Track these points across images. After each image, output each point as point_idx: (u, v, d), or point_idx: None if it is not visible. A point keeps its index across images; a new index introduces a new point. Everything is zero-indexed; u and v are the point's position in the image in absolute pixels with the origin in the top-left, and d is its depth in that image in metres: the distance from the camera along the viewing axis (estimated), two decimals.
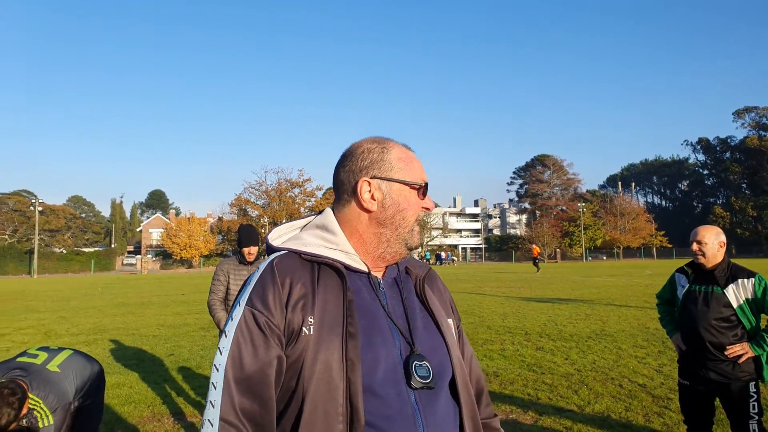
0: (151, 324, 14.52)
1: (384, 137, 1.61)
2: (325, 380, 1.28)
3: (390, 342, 1.37)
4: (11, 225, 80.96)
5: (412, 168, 1.54)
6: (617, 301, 17.71)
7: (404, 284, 1.54)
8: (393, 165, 1.52)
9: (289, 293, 1.36)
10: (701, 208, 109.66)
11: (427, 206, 1.54)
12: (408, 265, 1.59)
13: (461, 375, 1.46)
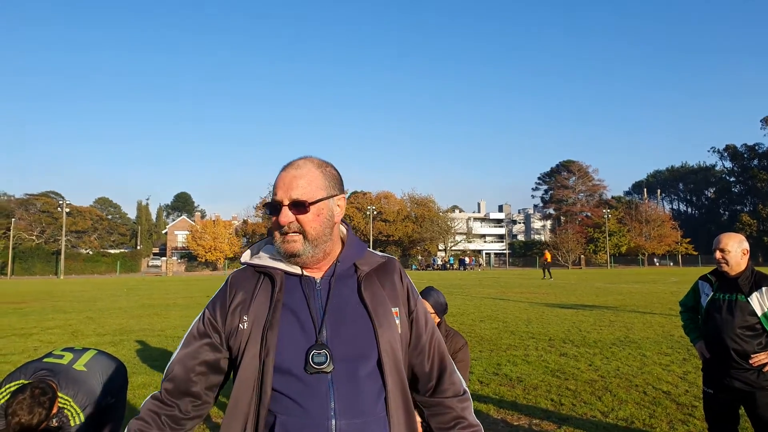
0: (176, 325, 14.67)
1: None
2: (250, 362, 1.66)
3: (303, 332, 1.67)
4: (39, 226, 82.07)
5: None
6: (642, 308, 17.56)
7: (340, 281, 1.77)
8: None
9: (232, 300, 1.77)
10: (728, 215, 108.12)
11: (276, 220, 1.75)
12: (357, 262, 1.81)
13: (389, 357, 1.69)
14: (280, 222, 1.72)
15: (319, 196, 1.74)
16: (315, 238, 1.73)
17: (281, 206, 1.72)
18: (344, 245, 1.86)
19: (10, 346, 11.69)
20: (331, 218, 1.78)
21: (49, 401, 3.32)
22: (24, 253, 74.44)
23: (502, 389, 7.47)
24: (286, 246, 1.72)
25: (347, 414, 1.59)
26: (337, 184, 1.83)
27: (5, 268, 69.14)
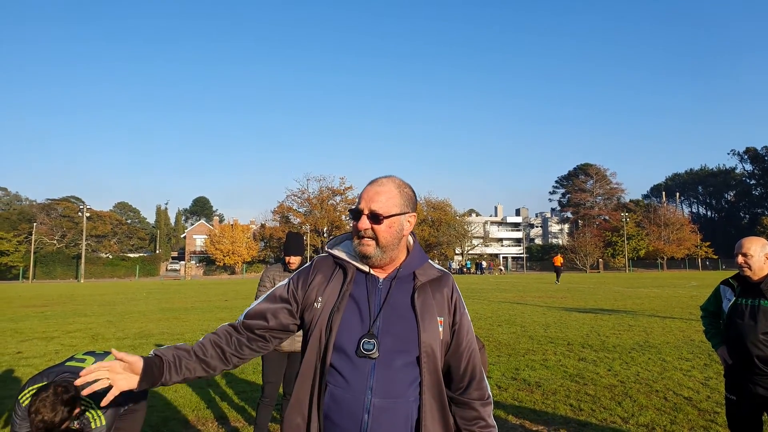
0: (194, 329, 14.75)
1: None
2: (317, 336, 2.05)
3: (361, 321, 2.03)
4: (60, 230, 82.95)
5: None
6: (661, 313, 17.42)
7: (398, 285, 2.11)
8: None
9: (312, 279, 2.17)
10: (748, 219, 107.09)
11: (356, 225, 2.12)
12: (417, 270, 2.15)
13: (427, 354, 2.02)
14: (359, 227, 2.09)
15: (394, 212, 2.09)
16: (385, 246, 2.08)
17: (362, 214, 2.09)
18: (408, 254, 2.21)
19: (32, 349, 11.81)
20: (401, 231, 2.12)
21: (72, 400, 3.35)
22: (45, 257, 75.30)
23: (521, 394, 7.45)
24: (361, 248, 2.09)
25: (381, 393, 1.95)
26: (410, 204, 2.17)
27: (27, 271, 69.92)
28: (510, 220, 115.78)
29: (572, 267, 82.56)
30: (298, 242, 5.69)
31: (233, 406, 7.15)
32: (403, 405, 1.98)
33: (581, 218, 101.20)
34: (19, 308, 23.18)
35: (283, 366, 5.59)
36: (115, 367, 1.96)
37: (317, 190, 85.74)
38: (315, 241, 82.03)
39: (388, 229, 2.08)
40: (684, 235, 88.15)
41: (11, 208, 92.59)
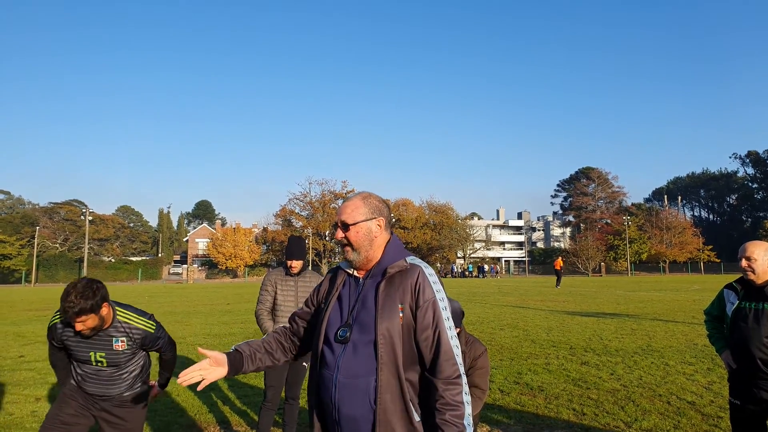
0: (197, 333, 14.75)
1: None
2: (317, 330, 2.53)
3: (341, 314, 2.46)
4: (62, 234, 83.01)
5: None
6: (664, 317, 17.40)
7: (372, 281, 2.46)
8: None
9: (320, 286, 2.72)
10: (750, 222, 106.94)
11: (335, 237, 2.58)
12: (389, 266, 2.45)
13: (384, 337, 2.30)
14: (336, 237, 2.54)
15: (359, 219, 2.50)
16: (358, 248, 2.49)
17: (337, 226, 2.54)
18: (383, 254, 2.52)
19: (35, 352, 11.83)
20: (369, 233, 2.51)
21: (100, 290, 3.59)
22: (48, 261, 75.38)
23: (523, 398, 7.44)
24: (345, 255, 2.55)
25: (344, 372, 2.32)
26: (375, 210, 2.55)
27: (29, 275, 69.98)
28: (512, 224, 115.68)
29: (574, 270, 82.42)
30: (300, 246, 5.69)
31: (235, 410, 7.15)
32: (362, 382, 2.29)
33: (583, 222, 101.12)
34: (22, 312, 23.21)
35: (285, 370, 5.59)
36: (204, 365, 2.42)
37: (319, 194, 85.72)
38: (317, 245, 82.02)
39: (356, 234, 2.49)
40: (686, 239, 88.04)
41: (14, 212, 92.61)
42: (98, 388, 3.83)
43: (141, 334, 3.85)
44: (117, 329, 3.76)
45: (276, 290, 5.64)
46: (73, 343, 3.74)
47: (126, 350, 3.80)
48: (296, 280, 5.68)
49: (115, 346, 3.75)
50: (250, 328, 15.46)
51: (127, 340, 3.78)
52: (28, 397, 7.97)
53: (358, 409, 2.29)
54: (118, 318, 3.78)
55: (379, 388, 2.27)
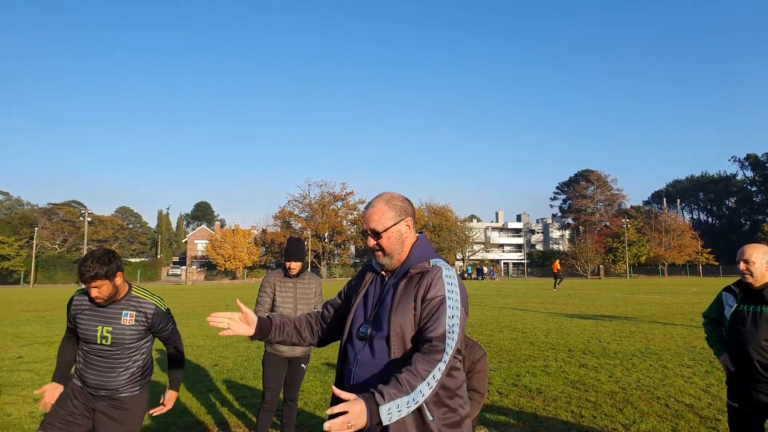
0: (195, 334, 14.75)
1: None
2: (344, 324, 2.64)
3: (365, 311, 2.56)
4: (61, 235, 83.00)
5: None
6: (662, 319, 17.41)
7: (395, 280, 2.53)
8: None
9: (353, 282, 2.79)
10: (749, 225, 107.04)
11: (367, 244, 2.61)
12: (411, 269, 2.50)
13: (396, 334, 2.37)
14: (369, 245, 2.59)
15: (389, 225, 2.54)
16: (390, 253, 2.55)
17: (367, 235, 2.58)
18: (409, 255, 2.58)
19: (33, 353, 11.82)
20: (400, 237, 2.57)
21: (117, 260, 3.79)
22: (46, 262, 75.28)
23: (522, 400, 7.44)
24: (376, 259, 2.60)
25: (360, 365, 2.42)
26: (402, 212, 2.59)
27: (28, 276, 69.93)
28: (511, 226, 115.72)
29: (573, 273, 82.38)
30: (299, 248, 5.69)
31: (234, 411, 7.15)
32: (379, 375, 2.34)
33: (582, 224, 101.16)
34: (20, 313, 23.19)
35: (284, 372, 5.59)
36: (235, 317, 2.60)
37: (318, 196, 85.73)
38: (316, 247, 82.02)
39: (388, 240, 2.54)
40: (685, 242, 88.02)
41: (13, 213, 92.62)
42: (97, 376, 3.84)
43: (152, 310, 3.95)
44: (129, 303, 3.89)
45: (275, 292, 5.64)
46: (84, 317, 3.84)
47: (134, 326, 3.87)
48: (295, 281, 5.68)
49: (123, 320, 3.84)
50: None
51: (136, 315, 3.88)
52: (26, 398, 7.97)
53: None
54: (133, 292, 3.95)
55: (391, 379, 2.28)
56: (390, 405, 2.07)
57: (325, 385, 8.41)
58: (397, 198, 2.63)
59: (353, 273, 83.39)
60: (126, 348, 3.89)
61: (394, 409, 2.08)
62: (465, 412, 2.46)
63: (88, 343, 3.84)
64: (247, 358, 10.96)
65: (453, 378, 2.43)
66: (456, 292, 2.44)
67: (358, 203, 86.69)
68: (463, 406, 2.46)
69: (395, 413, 2.09)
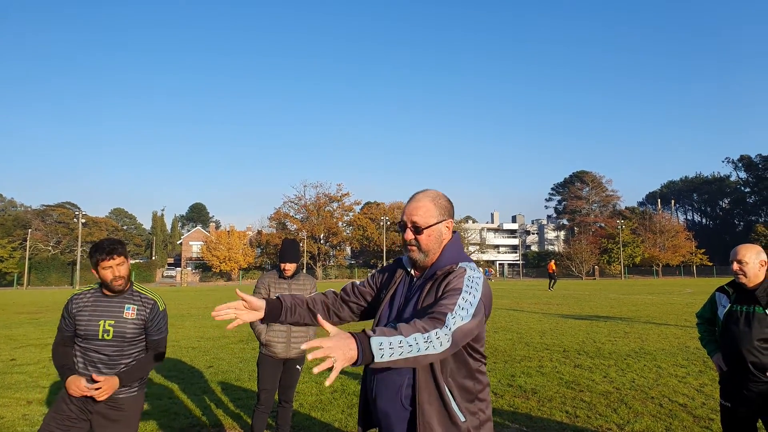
0: (190, 336, 14.72)
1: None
2: (373, 321, 2.63)
3: (392, 309, 2.56)
4: (55, 236, 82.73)
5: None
6: (657, 320, 17.45)
7: (423, 280, 2.51)
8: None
9: (383, 275, 2.80)
10: (743, 226, 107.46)
11: (403, 237, 2.57)
12: (438, 271, 2.47)
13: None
14: (405, 238, 2.53)
15: (432, 222, 2.52)
16: (427, 250, 2.52)
17: (406, 227, 2.53)
18: (440, 256, 2.54)
19: (26, 356, 11.78)
20: (440, 237, 2.55)
21: (123, 244, 3.89)
22: (40, 264, 75.07)
23: (517, 401, 7.45)
24: (410, 254, 2.55)
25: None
26: (445, 212, 2.59)
27: (21, 278, 69.72)
28: (506, 227, 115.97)
29: (568, 274, 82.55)
30: (294, 249, 5.68)
31: (229, 413, 7.14)
32: (396, 379, 2.36)
33: (577, 225, 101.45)
34: (14, 315, 23.11)
35: (279, 373, 5.59)
36: (240, 305, 2.47)
37: (314, 197, 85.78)
38: (311, 248, 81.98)
39: (428, 237, 2.51)
40: (679, 242, 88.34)
41: (6, 214, 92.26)
42: (97, 375, 3.82)
43: (152, 304, 4.01)
44: (132, 296, 3.97)
45: (269, 293, 5.64)
46: (86, 313, 3.85)
47: (135, 320, 3.90)
48: (290, 283, 5.67)
49: (126, 314, 3.88)
50: (244, 330, 15.41)
51: (137, 309, 3.93)
52: (20, 400, 7.94)
53: (390, 405, 2.38)
54: (134, 287, 4.04)
55: (418, 387, 2.31)
56: (381, 339, 1.97)
57: (321, 387, 8.41)
58: (442, 197, 2.63)
59: (348, 275, 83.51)
60: (126, 343, 3.89)
61: (386, 345, 1.97)
62: (485, 415, 2.47)
63: (89, 340, 3.82)
64: (242, 359, 10.94)
65: (476, 381, 2.46)
66: (477, 289, 2.33)
67: (353, 204, 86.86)
68: (484, 410, 2.47)
69: (387, 350, 1.97)
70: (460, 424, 2.30)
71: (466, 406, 2.37)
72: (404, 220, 2.55)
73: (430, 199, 2.56)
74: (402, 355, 2.00)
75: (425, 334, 2.06)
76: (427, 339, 2.06)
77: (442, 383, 2.32)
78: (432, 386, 2.31)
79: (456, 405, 2.32)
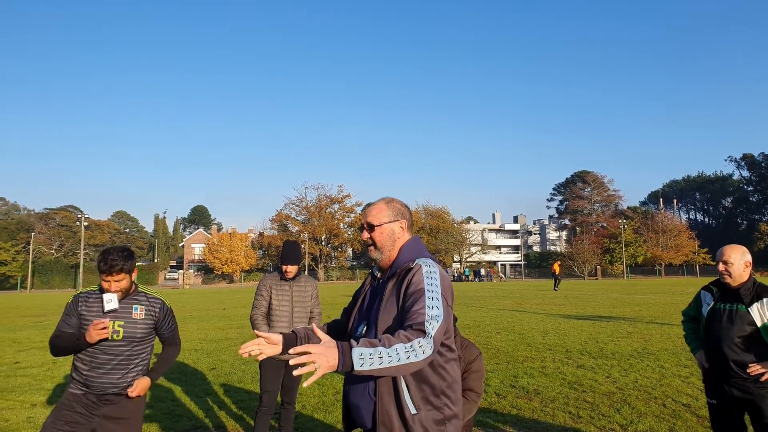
0: (193, 338, 14.74)
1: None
2: (348, 325, 2.79)
3: (362, 311, 2.73)
4: (58, 239, 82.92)
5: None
6: (659, 319, 17.44)
7: (387, 280, 2.64)
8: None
9: (359, 290, 2.89)
10: (746, 225, 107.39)
11: (362, 238, 2.82)
12: (399, 269, 2.61)
13: (382, 331, 2.46)
14: (363, 238, 2.79)
15: (384, 221, 2.74)
16: (381, 247, 2.73)
17: (363, 228, 2.79)
18: (398, 255, 2.70)
19: (30, 359, 11.80)
20: (392, 235, 2.74)
21: (133, 254, 3.93)
22: (43, 267, 75.19)
23: (520, 401, 7.45)
24: (369, 254, 2.77)
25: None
26: (398, 214, 2.77)
27: (25, 281, 69.82)
28: (508, 228, 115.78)
29: (570, 274, 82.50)
30: (295, 251, 5.69)
31: (231, 415, 7.15)
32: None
33: (579, 225, 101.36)
34: (17, 318, 23.17)
35: (281, 375, 5.59)
36: (262, 342, 2.60)
37: (315, 199, 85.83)
38: (313, 250, 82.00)
39: (381, 235, 2.73)
40: (682, 242, 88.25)
41: (9, 218, 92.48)
42: (106, 377, 3.85)
43: (159, 304, 4.09)
44: (138, 297, 4.02)
45: (271, 295, 5.65)
46: (93, 314, 3.87)
47: (144, 320, 3.97)
48: (291, 284, 5.68)
49: (134, 314, 3.94)
50: (246, 332, 15.45)
51: (146, 309, 4.00)
52: (24, 403, 7.95)
53: (361, 398, 2.53)
54: (139, 289, 4.09)
55: (378, 380, 2.45)
56: (363, 350, 2.15)
57: (323, 388, 8.41)
58: (396, 201, 2.84)
59: (350, 276, 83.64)
60: (136, 343, 3.95)
61: (366, 356, 2.14)
62: (451, 411, 2.52)
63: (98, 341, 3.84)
64: (245, 361, 10.95)
65: (440, 376, 2.52)
66: (436, 285, 2.49)
67: (355, 206, 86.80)
68: (450, 405, 2.52)
69: (367, 360, 2.14)
70: (409, 416, 2.41)
71: (429, 398, 2.46)
72: (362, 223, 2.82)
73: (384, 202, 2.81)
74: (382, 365, 2.17)
75: (407, 343, 2.23)
76: (409, 348, 2.22)
77: (398, 377, 2.43)
78: (390, 379, 2.44)
79: (409, 398, 2.43)
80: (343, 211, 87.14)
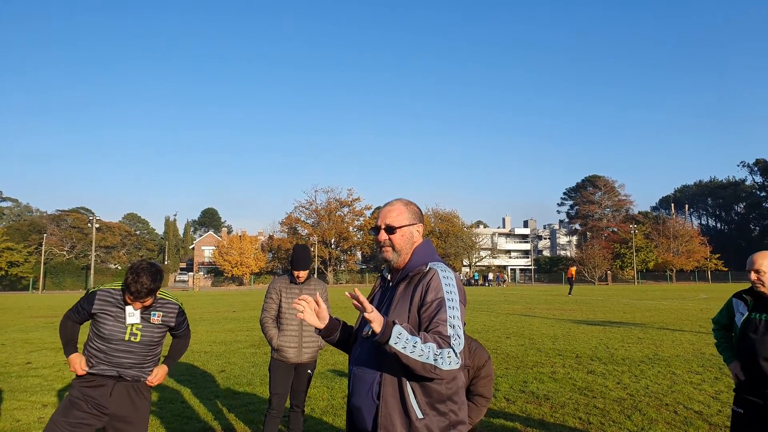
0: (202, 340, 14.77)
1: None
2: (358, 320, 2.74)
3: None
4: (69, 241, 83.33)
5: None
6: (671, 325, 17.33)
7: (398, 282, 2.65)
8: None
9: (371, 291, 2.92)
10: (758, 231, 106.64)
11: (377, 239, 2.77)
12: (410, 272, 2.62)
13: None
14: (379, 239, 2.72)
15: (404, 223, 2.71)
16: (399, 250, 2.69)
17: (380, 229, 2.72)
18: (410, 259, 2.70)
19: (41, 359, 11.85)
20: (411, 238, 2.73)
21: (161, 274, 3.96)
22: (55, 268, 75.65)
23: (529, 407, 7.42)
24: (383, 254, 2.73)
25: (357, 362, 2.59)
26: (416, 217, 2.78)
27: (37, 282, 70.19)
28: (518, 232, 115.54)
29: (581, 279, 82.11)
30: (306, 256, 5.68)
31: (241, 417, 7.15)
32: (369, 376, 2.51)
33: (589, 230, 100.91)
34: (29, 319, 23.28)
35: (290, 378, 5.59)
36: (313, 304, 2.59)
37: (325, 202, 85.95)
38: (323, 253, 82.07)
39: (401, 237, 2.69)
40: (693, 248, 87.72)
41: (22, 219, 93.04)
42: (120, 367, 3.94)
43: (175, 309, 4.18)
44: (156, 303, 4.07)
45: (281, 298, 5.65)
46: (110, 316, 3.94)
47: (161, 325, 4.07)
48: (301, 287, 5.68)
49: (153, 320, 4.04)
50: (256, 335, 15.47)
51: (163, 315, 4.08)
52: (35, 403, 7.99)
53: (363, 400, 2.52)
54: (157, 294, 4.10)
55: (383, 382, 2.46)
56: (403, 331, 2.26)
57: (332, 391, 8.41)
58: (414, 204, 2.84)
59: (360, 279, 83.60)
60: (153, 345, 4.08)
61: (404, 337, 2.25)
62: (457, 418, 2.50)
63: (113, 342, 3.91)
64: (254, 364, 10.96)
65: (446, 384, 2.50)
66: (454, 292, 2.52)
67: (364, 209, 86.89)
68: (456, 411, 2.51)
69: (402, 342, 2.24)
70: (416, 421, 2.40)
71: (435, 405, 2.45)
72: (378, 224, 2.75)
73: (402, 204, 2.79)
74: (414, 354, 2.25)
75: (439, 349, 2.30)
76: (438, 354, 2.29)
77: (405, 380, 2.44)
78: (396, 382, 2.44)
79: (416, 402, 2.43)
80: (352, 215, 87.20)
